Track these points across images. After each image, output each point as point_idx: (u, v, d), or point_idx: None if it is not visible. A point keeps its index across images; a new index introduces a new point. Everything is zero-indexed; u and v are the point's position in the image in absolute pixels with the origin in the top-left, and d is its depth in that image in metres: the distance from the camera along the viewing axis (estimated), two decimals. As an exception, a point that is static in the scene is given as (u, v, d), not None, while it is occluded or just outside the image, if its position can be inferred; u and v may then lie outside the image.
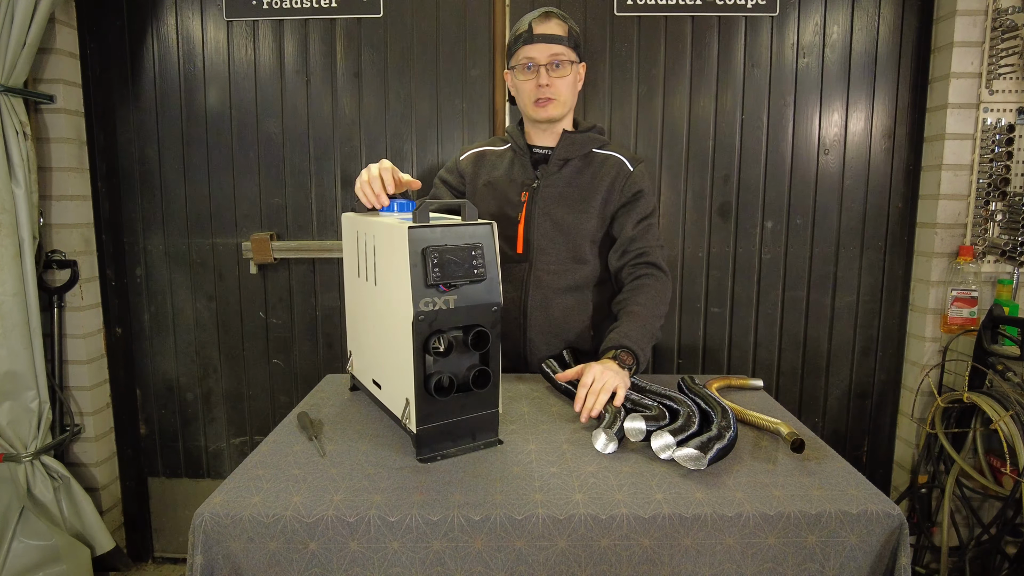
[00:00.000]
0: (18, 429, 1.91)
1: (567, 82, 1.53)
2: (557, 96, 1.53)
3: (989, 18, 1.90)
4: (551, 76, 1.51)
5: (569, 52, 1.51)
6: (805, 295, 2.18)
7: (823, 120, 2.09)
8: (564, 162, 1.59)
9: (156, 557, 2.39)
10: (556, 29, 1.50)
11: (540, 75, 1.51)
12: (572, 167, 1.59)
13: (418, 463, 1.06)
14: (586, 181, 1.58)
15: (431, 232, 1.02)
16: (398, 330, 1.06)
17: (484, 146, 1.71)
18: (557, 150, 1.59)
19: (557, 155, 1.58)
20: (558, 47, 1.50)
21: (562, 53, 1.50)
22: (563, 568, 0.90)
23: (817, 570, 0.91)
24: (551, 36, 1.49)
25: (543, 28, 1.50)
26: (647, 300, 1.48)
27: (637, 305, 1.46)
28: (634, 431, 1.10)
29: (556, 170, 1.59)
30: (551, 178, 1.58)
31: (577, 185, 1.58)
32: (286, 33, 2.09)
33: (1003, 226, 1.96)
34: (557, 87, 1.52)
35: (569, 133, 1.60)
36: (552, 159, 1.59)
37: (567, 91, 1.54)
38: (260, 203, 2.17)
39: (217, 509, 0.91)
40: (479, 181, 1.65)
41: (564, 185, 1.58)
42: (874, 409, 2.25)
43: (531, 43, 1.50)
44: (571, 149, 1.59)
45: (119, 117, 2.15)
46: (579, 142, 1.60)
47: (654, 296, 1.49)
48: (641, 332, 1.41)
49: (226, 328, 2.24)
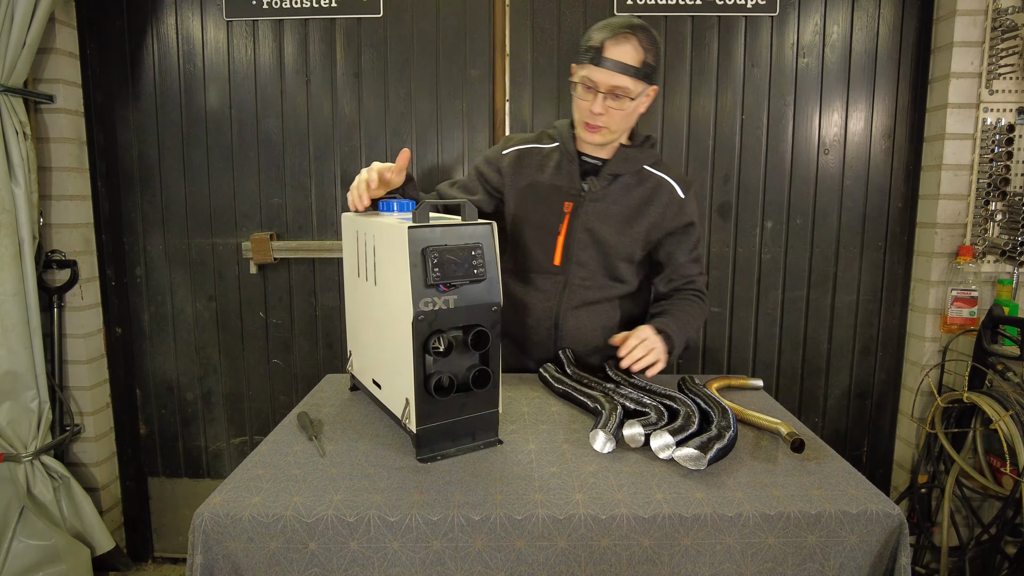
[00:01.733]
0: (18, 429, 1.91)
1: (622, 115, 1.41)
2: (608, 125, 1.42)
3: (989, 18, 1.90)
4: (607, 104, 1.39)
5: (636, 85, 1.37)
6: (805, 295, 2.18)
7: (823, 120, 2.09)
8: (614, 177, 1.51)
9: (156, 557, 2.39)
10: (628, 56, 1.34)
11: (596, 102, 1.38)
12: (622, 183, 1.51)
13: (418, 463, 1.05)
14: (635, 203, 1.51)
15: (431, 232, 1.02)
16: (398, 330, 1.06)
17: (530, 143, 1.59)
18: (609, 164, 1.50)
19: (608, 169, 1.49)
20: (623, 79, 1.35)
21: (625, 86, 1.36)
22: (563, 568, 0.90)
23: (817, 570, 0.91)
24: (619, 64, 1.34)
25: (614, 52, 1.34)
26: (689, 308, 1.52)
27: (679, 310, 1.50)
28: (633, 438, 1.09)
29: (605, 185, 1.50)
30: (598, 192, 1.50)
31: (626, 204, 1.50)
32: (286, 33, 2.09)
33: (1003, 226, 1.96)
34: (610, 117, 1.40)
35: (624, 148, 1.51)
36: (603, 172, 1.50)
37: (620, 123, 1.43)
38: (260, 203, 2.17)
39: (217, 509, 0.91)
40: (520, 182, 1.56)
41: (611, 203, 1.50)
42: (874, 409, 2.25)
43: (597, 65, 1.35)
44: (624, 165, 1.50)
45: (119, 117, 2.15)
46: (632, 158, 1.51)
47: (695, 312, 1.52)
48: (678, 328, 1.44)
49: (226, 328, 2.24)
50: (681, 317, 1.48)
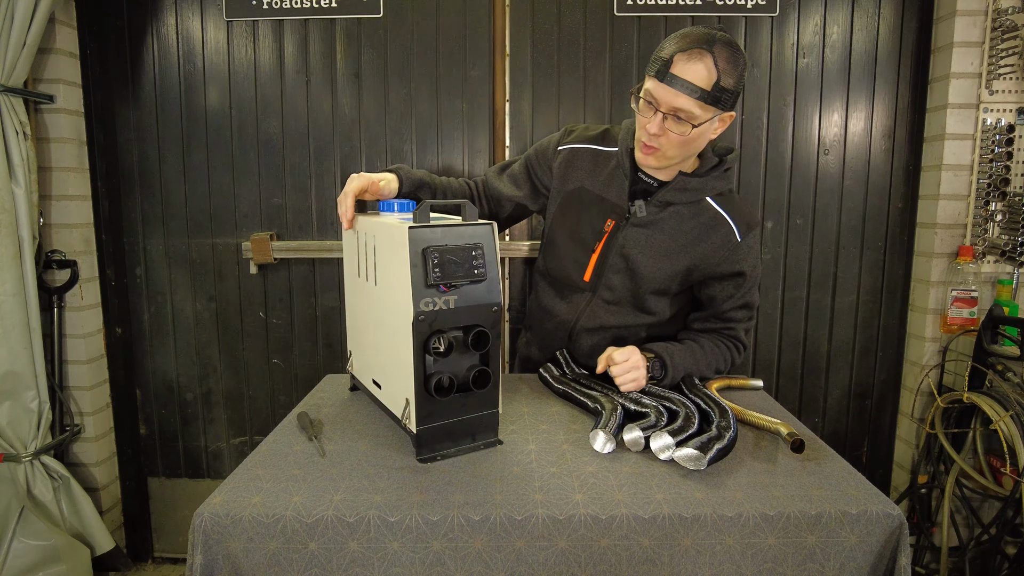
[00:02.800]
0: (18, 429, 1.91)
1: (680, 140, 1.25)
2: (664, 149, 1.27)
3: (989, 18, 1.90)
4: (666, 126, 1.23)
5: (701, 111, 1.21)
6: (805, 295, 2.18)
7: (823, 120, 2.09)
8: (666, 204, 1.37)
9: (156, 557, 2.39)
10: (698, 77, 1.18)
11: (654, 122, 1.23)
12: (673, 212, 1.37)
13: (418, 463, 1.05)
14: (682, 237, 1.37)
15: (431, 232, 1.02)
16: (398, 330, 1.06)
17: (589, 142, 1.45)
18: (663, 191, 1.35)
19: (662, 196, 1.36)
20: (687, 101, 1.19)
21: (688, 110, 1.20)
22: (563, 568, 0.90)
23: (817, 570, 0.91)
24: (686, 84, 1.18)
25: (683, 70, 1.18)
26: (712, 350, 1.41)
27: (698, 347, 1.39)
28: (634, 442, 1.09)
29: (655, 212, 1.37)
30: (645, 218, 1.37)
31: (671, 236, 1.37)
32: (286, 33, 2.09)
33: (1003, 226, 1.96)
34: (668, 140, 1.25)
35: (684, 176, 1.35)
36: (654, 198, 1.36)
37: (677, 150, 1.27)
38: (260, 203, 2.17)
39: (217, 509, 0.91)
40: (569, 184, 1.45)
41: (656, 231, 1.38)
42: (874, 409, 2.25)
43: (662, 81, 1.20)
44: (681, 195, 1.36)
45: (119, 117, 2.15)
46: (693, 187, 1.36)
47: (720, 356, 1.42)
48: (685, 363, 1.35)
49: (226, 328, 2.24)
50: (696, 353, 1.38)
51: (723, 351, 1.44)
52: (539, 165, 1.50)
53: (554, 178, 1.47)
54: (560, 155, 1.46)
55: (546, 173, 1.49)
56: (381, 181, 1.32)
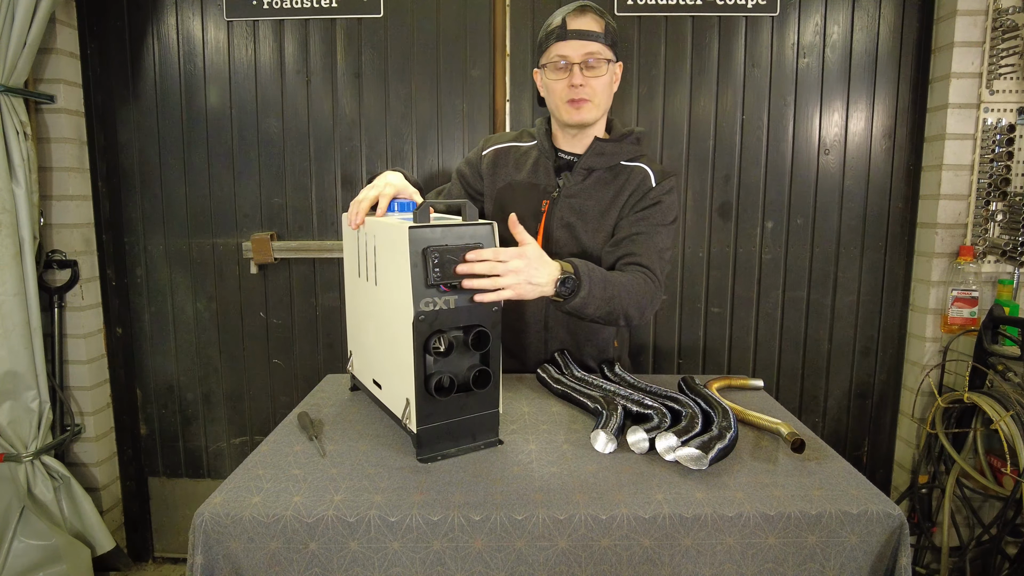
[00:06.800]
0: (18, 429, 1.91)
1: (603, 82, 1.41)
2: (591, 97, 1.40)
3: (989, 18, 1.90)
4: (585, 75, 1.38)
5: (605, 50, 1.39)
6: (805, 295, 2.18)
7: (823, 120, 2.09)
8: (589, 172, 1.48)
9: (156, 557, 2.39)
10: (592, 25, 1.38)
11: (573, 74, 1.38)
12: (596, 178, 1.48)
13: (418, 463, 1.05)
14: (608, 196, 1.47)
15: (431, 232, 1.02)
16: (398, 330, 1.06)
17: (509, 141, 1.58)
18: (583, 159, 1.47)
19: (582, 164, 1.47)
20: (594, 44, 1.37)
21: (598, 51, 1.38)
22: (563, 568, 0.90)
23: (817, 570, 0.91)
24: (586, 32, 1.37)
25: (578, 23, 1.38)
26: (625, 278, 1.32)
27: (615, 273, 1.32)
28: (637, 444, 1.09)
29: (579, 180, 1.47)
30: (573, 188, 1.47)
31: (598, 199, 1.47)
32: (286, 33, 2.09)
33: (1003, 226, 1.96)
34: (592, 87, 1.40)
35: (600, 141, 1.47)
36: (576, 167, 1.48)
37: (603, 92, 1.42)
38: (260, 203, 2.17)
39: (217, 509, 0.91)
40: (499, 182, 1.54)
41: (585, 197, 1.47)
42: (874, 409, 2.25)
43: (564, 39, 1.37)
44: (599, 159, 1.47)
45: (119, 117, 2.15)
46: (609, 152, 1.47)
47: (634, 283, 1.32)
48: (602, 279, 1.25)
49: (226, 328, 2.24)
50: (612, 277, 1.28)
51: (638, 278, 1.34)
52: (470, 173, 1.60)
53: (485, 180, 1.57)
54: (486, 159, 1.57)
55: (477, 179, 1.59)
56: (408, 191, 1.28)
